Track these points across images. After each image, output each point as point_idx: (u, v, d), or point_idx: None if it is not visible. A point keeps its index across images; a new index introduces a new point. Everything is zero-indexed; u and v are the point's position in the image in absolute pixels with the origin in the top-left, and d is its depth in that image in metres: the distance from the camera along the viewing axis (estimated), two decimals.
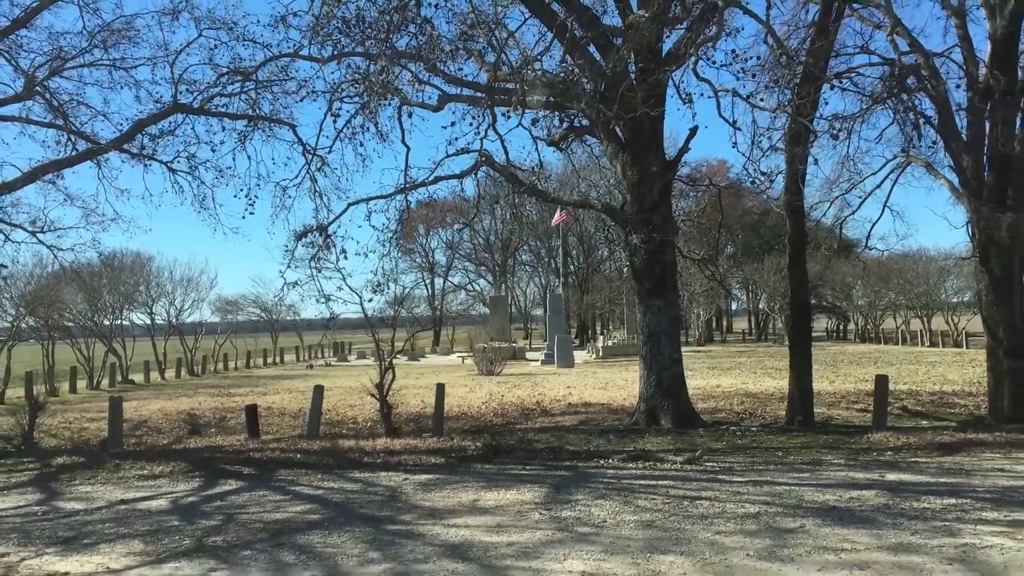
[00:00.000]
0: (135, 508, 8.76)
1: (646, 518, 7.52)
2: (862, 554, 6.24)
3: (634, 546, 6.62)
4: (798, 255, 14.24)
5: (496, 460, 11.07)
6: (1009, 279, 13.49)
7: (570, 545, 6.70)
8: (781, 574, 5.82)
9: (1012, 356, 13.39)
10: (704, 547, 6.52)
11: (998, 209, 13.29)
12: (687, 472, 9.80)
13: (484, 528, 7.34)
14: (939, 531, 6.83)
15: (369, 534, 7.26)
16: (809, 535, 6.81)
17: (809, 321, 15.09)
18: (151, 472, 10.94)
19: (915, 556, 6.16)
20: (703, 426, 13.70)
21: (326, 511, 8.30)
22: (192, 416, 18.20)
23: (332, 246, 14.73)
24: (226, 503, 8.87)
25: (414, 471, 10.41)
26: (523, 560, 6.32)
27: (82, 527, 7.94)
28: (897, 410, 15.59)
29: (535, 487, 9.12)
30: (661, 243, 13.82)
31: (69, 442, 14.77)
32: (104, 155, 16.11)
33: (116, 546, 7.15)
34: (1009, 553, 6.17)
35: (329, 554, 6.67)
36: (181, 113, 15.95)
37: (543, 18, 13.62)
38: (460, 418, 16.08)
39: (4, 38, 14.34)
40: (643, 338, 14.30)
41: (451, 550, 6.67)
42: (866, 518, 7.32)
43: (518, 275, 69.75)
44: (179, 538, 7.36)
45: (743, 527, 7.11)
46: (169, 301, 35.30)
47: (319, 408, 14.28)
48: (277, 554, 6.73)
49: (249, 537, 7.30)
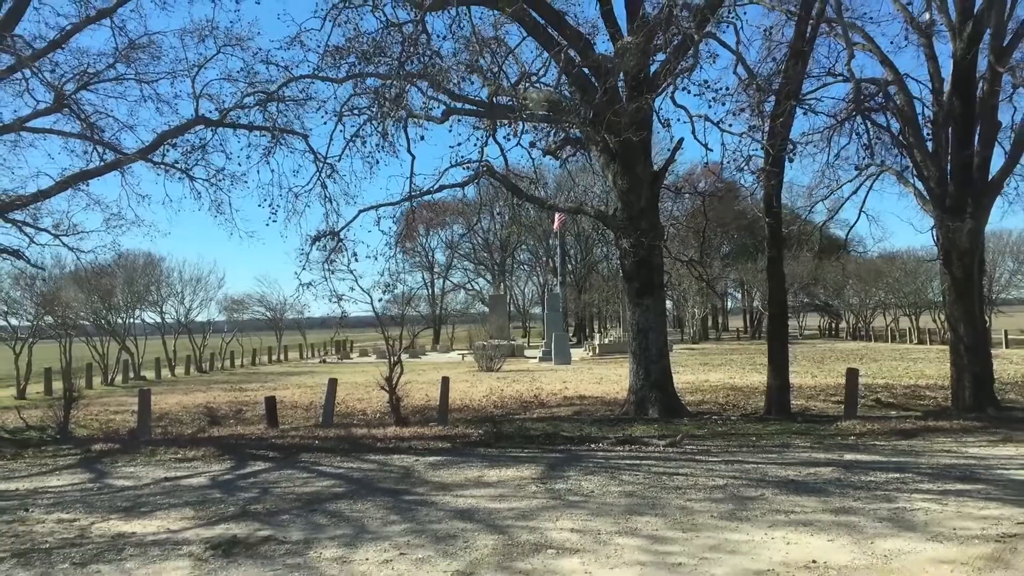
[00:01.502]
0: (179, 484, 9.90)
1: (628, 489, 8.67)
2: (808, 515, 7.39)
3: (616, 510, 7.76)
4: (776, 258, 15.38)
5: (497, 445, 12.21)
6: (969, 281, 14.64)
7: (562, 510, 7.84)
8: (737, 530, 6.96)
9: (972, 351, 14.57)
10: (676, 510, 7.67)
11: (959, 217, 14.44)
12: (668, 453, 10.96)
13: (488, 497, 8.49)
14: (878, 498, 7.98)
15: (388, 503, 8.40)
16: (766, 501, 7.95)
17: (786, 319, 16.24)
18: (184, 456, 12.07)
19: (852, 516, 7.30)
20: (688, 415, 14.85)
21: (349, 485, 9.44)
22: (210, 409, 19.35)
23: (344, 249, 15.86)
24: (259, 480, 10.02)
25: (423, 454, 11.55)
26: (522, 521, 7.47)
27: (136, 499, 9.08)
28: (871, 402, 16.75)
29: (532, 466, 10.27)
30: (649, 247, 14.95)
31: (100, 432, 15.88)
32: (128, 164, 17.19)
33: (171, 513, 8.28)
34: (932, 515, 7.31)
35: (356, 517, 7.81)
36: (202, 126, 17.07)
37: (539, 39, 14.78)
38: (463, 410, 17.20)
39: (41, 58, 15.40)
40: (633, 334, 15.45)
41: (460, 514, 7.81)
42: (818, 488, 8.47)
43: (516, 274, 71.00)
44: (224, 507, 8.50)
45: (711, 496, 8.26)
46: (179, 300, 36.42)
47: (333, 399, 15.43)
48: (311, 518, 7.87)
49: (285, 505, 8.44)
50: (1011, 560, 5.99)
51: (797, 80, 13.45)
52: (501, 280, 64.44)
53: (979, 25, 13.88)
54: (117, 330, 30.68)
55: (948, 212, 14.56)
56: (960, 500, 7.82)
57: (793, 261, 49.66)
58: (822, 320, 62.21)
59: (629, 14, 14.03)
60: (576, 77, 13.59)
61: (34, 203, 15.98)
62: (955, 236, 14.45)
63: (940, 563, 5.95)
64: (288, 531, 7.38)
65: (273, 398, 15.92)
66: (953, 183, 14.49)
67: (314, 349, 52.36)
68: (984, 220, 14.69)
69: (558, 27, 13.86)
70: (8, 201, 15.62)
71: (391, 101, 13.93)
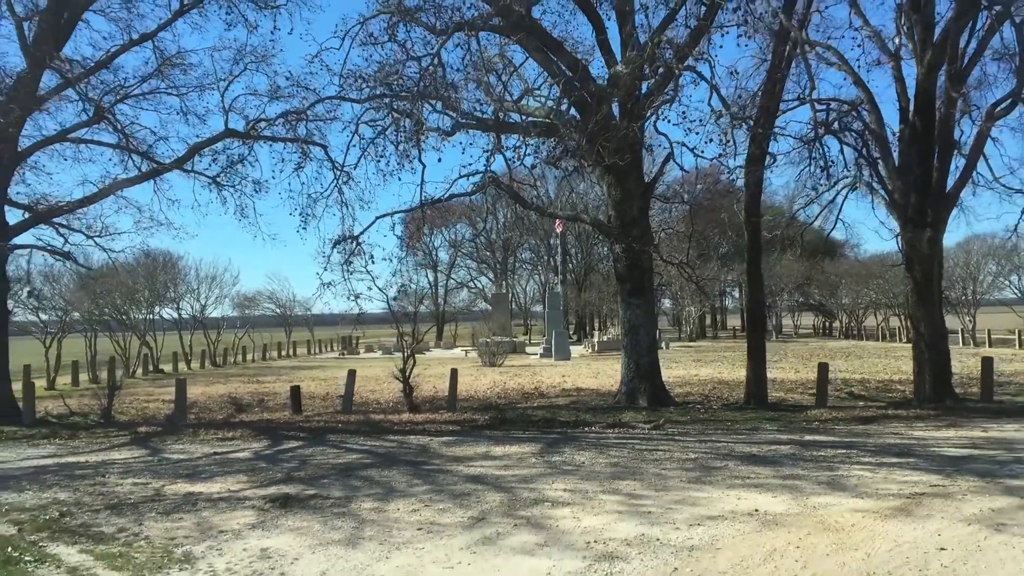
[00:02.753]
0: (227, 457, 11.45)
1: (613, 461, 10.20)
2: (761, 480, 8.92)
3: (602, 476, 9.30)
4: (755, 262, 16.89)
5: (501, 428, 13.75)
6: (929, 284, 16.13)
7: (557, 476, 9.38)
8: (700, 490, 8.49)
9: (932, 348, 16.07)
10: (652, 476, 9.20)
11: (920, 226, 15.94)
12: (651, 435, 12.49)
13: (495, 467, 10.03)
14: (822, 468, 9.51)
15: (411, 470, 9.94)
16: (728, 470, 9.48)
17: (763, 318, 17.76)
18: (224, 436, 13.61)
19: (797, 481, 8.83)
20: (674, 404, 16.36)
21: (375, 458, 10.99)
22: (233, 399, 20.87)
23: (362, 252, 17.37)
24: (296, 454, 11.56)
25: (436, 435, 13.09)
26: (524, 483, 9.00)
27: (194, 468, 10.62)
28: (844, 394, 18.26)
29: (532, 444, 11.80)
30: (639, 252, 16.46)
31: (138, 417, 17.41)
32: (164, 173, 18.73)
33: (227, 478, 9.83)
34: (862, 480, 8.84)
35: (384, 481, 9.35)
36: (230, 138, 18.58)
37: (541, 61, 16.28)
38: (469, 400, 18.71)
39: (88, 77, 16.93)
40: (625, 331, 16.96)
41: (472, 479, 9.35)
42: (774, 461, 10.00)
43: (518, 273, 72.45)
44: (271, 473, 10.05)
45: (683, 466, 9.79)
46: (194, 297, 37.99)
47: (352, 389, 16.97)
48: (347, 481, 9.41)
49: (323, 472, 9.98)
50: (913, 510, 7.52)
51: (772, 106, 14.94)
52: (503, 279, 65.93)
53: (938, 53, 15.31)
54: (138, 325, 32.23)
55: (910, 222, 16.05)
56: (890, 469, 9.35)
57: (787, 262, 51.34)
58: (816, 319, 63.66)
59: (623, 41, 15.51)
60: (574, 98, 15.06)
61: (80, 208, 17.51)
62: (916, 244, 15.95)
63: (856, 511, 7.47)
64: (330, 491, 8.92)
65: (298, 387, 17.47)
66: (915, 195, 15.96)
67: (321, 345, 53.90)
68: (942, 230, 16.16)
69: (557, 53, 15.36)
70: (58, 207, 17.17)
71: (406, 116, 15.47)
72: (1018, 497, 7.92)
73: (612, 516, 7.51)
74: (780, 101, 15.55)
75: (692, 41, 12.49)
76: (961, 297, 41.11)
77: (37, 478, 10.19)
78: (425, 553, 6.52)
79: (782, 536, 6.77)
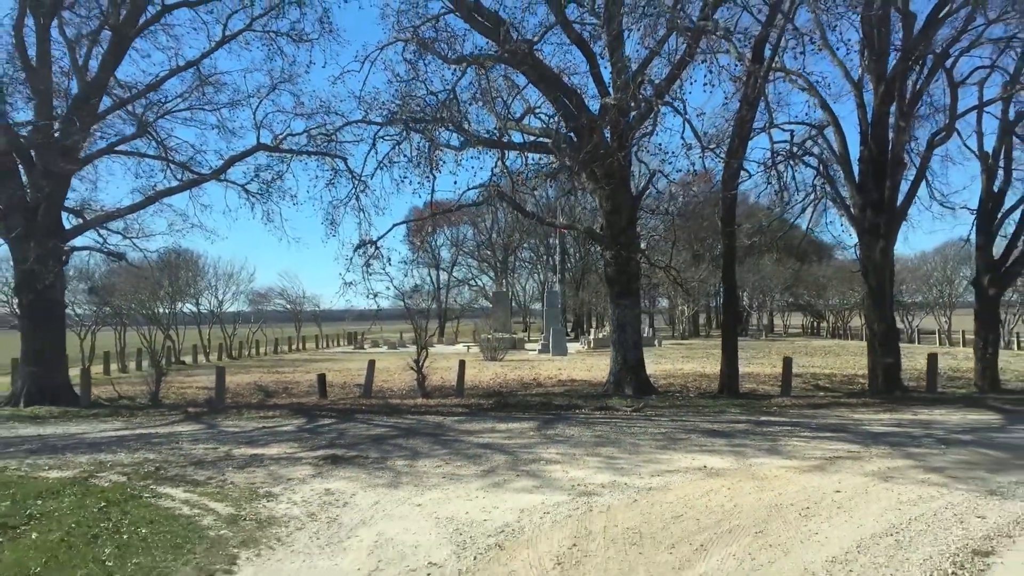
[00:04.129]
0: (275, 430, 13.62)
1: (598, 434, 12.37)
2: (714, 448, 11.09)
3: (587, 444, 11.47)
4: (729, 268, 19.03)
5: (504, 410, 15.91)
6: (882, 289, 18.29)
7: (550, 444, 11.54)
8: (664, 453, 10.66)
9: (883, 346, 18.24)
10: (627, 445, 11.37)
11: (875, 237, 18.09)
12: (632, 416, 14.67)
13: (500, 438, 12.20)
14: (766, 439, 11.69)
15: (431, 440, 12.11)
16: (690, 441, 11.66)
17: (736, 318, 19.91)
18: (265, 415, 15.77)
19: (742, 448, 11.00)
20: (656, 393, 18.51)
21: (399, 431, 13.15)
22: (260, 386, 23.03)
23: (380, 256, 19.52)
24: (332, 428, 13.73)
25: (448, 415, 15.26)
26: (523, 449, 11.17)
27: (250, 438, 12.78)
28: (811, 386, 20.42)
29: (530, 422, 13.97)
30: (627, 258, 18.60)
31: (180, 400, 19.55)
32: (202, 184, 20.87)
33: (281, 444, 11.99)
34: (795, 448, 11.00)
35: (411, 447, 11.51)
36: (262, 151, 20.72)
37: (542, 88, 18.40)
38: (473, 389, 20.85)
39: (139, 98, 19.07)
40: (613, 328, 19.12)
41: (481, 446, 11.51)
42: (729, 435, 12.18)
43: (518, 272, 74.59)
44: (315, 441, 12.21)
45: (654, 437, 11.97)
46: (213, 293, 40.16)
47: (372, 376, 19.13)
48: (381, 447, 11.57)
49: (359, 441, 12.15)
50: (827, 467, 9.68)
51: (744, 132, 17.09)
52: (503, 277, 68.07)
53: (888, 88, 17.45)
54: (161, 319, 34.38)
55: (866, 233, 18.22)
56: (821, 441, 11.53)
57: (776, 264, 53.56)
58: (805, 319, 65.84)
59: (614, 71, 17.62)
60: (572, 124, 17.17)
61: (130, 214, 19.66)
62: (871, 253, 18.11)
63: (782, 468, 9.64)
64: (368, 452, 11.09)
65: (324, 375, 19.65)
66: (870, 211, 18.11)
67: (328, 340, 56.06)
68: (893, 241, 18.29)
69: (556, 85, 17.47)
70: (112, 213, 19.32)
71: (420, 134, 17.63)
72: (913, 460, 10.10)
73: (592, 470, 9.68)
74: (751, 128, 17.66)
75: (668, 83, 14.61)
76: (939, 300, 43.29)
77: (122, 444, 12.35)
78: (450, 491, 8.69)
79: (720, 482, 8.94)
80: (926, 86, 17.23)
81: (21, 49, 18.23)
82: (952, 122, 17.01)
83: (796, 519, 7.44)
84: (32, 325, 18.76)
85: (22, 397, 18.30)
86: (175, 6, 19.48)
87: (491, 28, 16.96)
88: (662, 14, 13.12)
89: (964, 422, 13.44)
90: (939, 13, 16.23)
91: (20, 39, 18.13)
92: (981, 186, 18.50)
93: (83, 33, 19.89)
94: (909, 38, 16.42)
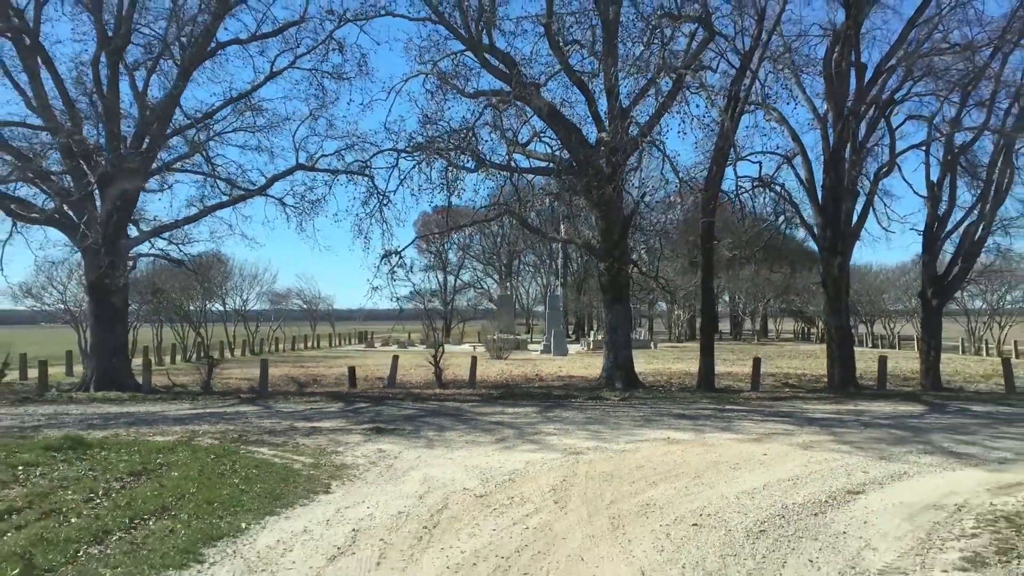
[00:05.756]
0: (321, 411, 16.46)
1: (588, 416, 15.21)
2: (680, 426, 13.91)
3: (579, 423, 14.30)
4: (707, 280, 21.85)
5: (510, 399, 18.74)
6: (839, 298, 21.08)
7: (549, 422, 14.37)
8: (640, 429, 13.47)
9: (840, 348, 21.03)
10: (611, 423, 14.20)
11: (833, 254, 20.90)
12: (618, 404, 17.49)
13: (508, 418, 15.04)
14: (724, 421, 14.50)
15: (452, 418, 14.95)
16: (662, 422, 14.48)
17: (714, 323, 22.71)
18: (308, 400, 18.62)
19: (703, 426, 13.81)
20: (642, 387, 21.33)
21: (426, 412, 15.99)
22: (292, 378, 25.86)
23: (404, 264, 22.38)
24: (369, 410, 16.56)
25: (464, 402, 18.09)
26: (528, 425, 14.00)
27: (304, 415, 15.61)
28: (780, 383, 23.20)
29: (533, 407, 16.80)
30: (619, 269, 21.42)
31: (227, 388, 22.38)
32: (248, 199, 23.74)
33: (332, 420, 14.84)
34: (744, 427, 13.81)
35: (437, 423, 14.35)
36: (300, 170, 23.59)
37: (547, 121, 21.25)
38: (483, 382, 23.65)
39: (197, 125, 21.95)
40: (606, 330, 21.96)
41: (493, 423, 14.35)
42: (695, 417, 14.99)
43: (522, 276, 77.45)
44: (358, 419, 15.04)
45: (633, 419, 14.79)
46: (238, 293, 43.13)
47: (396, 369, 21.98)
48: (413, 423, 14.41)
49: (394, 418, 14.99)
50: (763, 439, 12.48)
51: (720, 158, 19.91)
52: (508, 280, 70.94)
53: (845, 124, 20.26)
54: (193, 318, 37.30)
55: (826, 251, 21.02)
56: (767, 423, 14.34)
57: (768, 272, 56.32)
58: (796, 324, 68.55)
59: (608, 108, 20.47)
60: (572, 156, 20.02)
61: (187, 224, 22.56)
62: (829, 268, 20.92)
63: (728, 439, 12.45)
64: (403, 427, 13.94)
65: (353, 368, 22.52)
66: (829, 230, 20.91)
67: (341, 338, 58.96)
68: (848, 257, 21.09)
69: (560, 119, 20.30)
70: (172, 224, 22.22)
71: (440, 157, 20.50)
72: (834, 436, 12.90)
73: (581, 439, 12.51)
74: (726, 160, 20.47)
75: (649, 127, 17.42)
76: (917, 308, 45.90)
77: (201, 419, 15.20)
78: (473, 451, 11.52)
79: (677, 447, 11.76)
80: (870, 132, 20.07)
81: (97, 81, 21.11)
82: (892, 159, 19.89)
83: (727, 470, 10.24)
84: (100, 322, 21.62)
85: (91, 383, 21.16)
86: (227, 43, 22.38)
87: (504, 72, 19.80)
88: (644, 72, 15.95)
89: (892, 412, 16.24)
90: (885, 64, 19.08)
91: (97, 73, 21.01)
92: (927, 211, 21.29)
93: (141, 63, 22.80)
94: (860, 87, 19.25)
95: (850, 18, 18.68)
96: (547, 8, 18.95)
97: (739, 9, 18.23)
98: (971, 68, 19.46)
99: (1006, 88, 19.34)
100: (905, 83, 19.53)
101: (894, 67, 18.97)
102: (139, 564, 6.39)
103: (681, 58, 18.44)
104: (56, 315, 30.60)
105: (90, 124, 22.25)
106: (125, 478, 9.89)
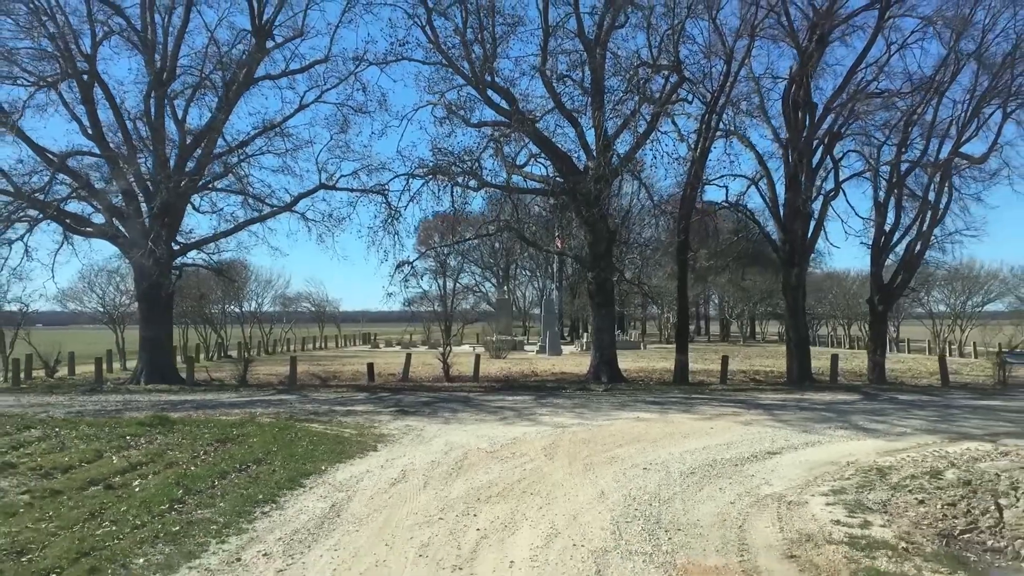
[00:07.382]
0: (351, 399, 19.47)
1: (575, 402, 18.27)
2: (648, 409, 16.96)
3: (567, 407, 17.36)
4: (682, 288, 24.91)
5: (510, 390, 21.79)
6: (797, 304, 24.17)
7: (543, 407, 17.42)
8: (615, 411, 16.52)
9: (797, 348, 24.10)
10: (594, 407, 17.25)
11: (791, 265, 23.98)
12: (602, 394, 20.57)
13: (509, 403, 18.10)
14: (687, 405, 17.57)
15: (463, 404, 18.00)
16: (636, 406, 17.54)
17: (687, 324, 25.78)
18: (336, 391, 21.63)
19: (668, 409, 16.87)
20: (625, 382, 24.36)
21: (439, 400, 19.03)
22: (313, 374, 28.85)
23: (415, 273, 25.42)
24: (391, 399, 19.59)
25: (470, 392, 21.13)
26: (524, 408, 17.06)
27: (336, 401, 18.61)
28: (748, 378, 26.24)
29: (529, 396, 19.86)
30: (605, 278, 24.47)
31: (260, 382, 25.36)
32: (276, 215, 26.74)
33: (363, 405, 17.85)
34: (702, 410, 16.87)
35: (450, 407, 17.40)
36: (323, 189, 26.60)
37: (542, 149, 24.32)
38: (485, 377, 26.68)
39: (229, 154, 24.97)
40: (593, 331, 25.02)
41: (497, 407, 17.40)
42: (664, 403, 18.06)
43: (519, 279, 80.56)
44: (384, 404, 18.07)
45: (612, 404, 17.85)
46: (254, 298, 46.16)
47: (408, 366, 25.03)
48: (430, 407, 17.45)
49: (413, 404, 18.03)
50: (714, 418, 15.53)
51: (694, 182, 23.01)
52: (505, 284, 73.99)
53: (799, 155, 23.32)
54: (214, 320, 40.32)
55: (785, 263, 24.12)
56: (722, 407, 17.40)
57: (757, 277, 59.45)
58: (781, 327, 71.70)
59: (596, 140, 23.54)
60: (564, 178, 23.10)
61: (224, 238, 25.58)
62: (788, 277, 24.00)
63: (687, 418, 15.51)
64: (422, 409, 16.98)
65: (372, 364, 25.56)
66: (787, 245, 24.00)
67: (347, 340, 61.94)
68: (805, 268, 24.17)
69: (553, 149, 23.36)
70: (210, 238, 25.25)
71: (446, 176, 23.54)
72: (772, 416, 15.96)
73: (568, 417, 15.56)
74: (701, 181, 23.56)
75: (627, 158, 20.51)
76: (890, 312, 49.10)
77: (252, 404, 18.21)
78: (482, 426, 14.57)
79: (643, 423, 14.82)
80: (823, 160, 23.21)
81: (148, 113, 24.14)
82: (837, 186, 23.07)
83: (679, 438, 13.30)
84: (149, 324, 24.61)
85: (142, 377, 24.14)
86: (261, 78, 25.42)
87: (504, 109, 22.87)
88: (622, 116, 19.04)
89: (831, 400, 19.31)
90: (832, 103, 22.22)
91: (148, 105, 24.05)
92: (874, 228, 24.39)
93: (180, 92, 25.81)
94: (812, 122, 22.39)
95: (803, 65, 21.81)
96: (542, 54, 22.05)
97: (707, 56, 21.37)
98: (909, 105, 22.60)
99: (937, 126, 22.51)
100: (848, 121, 22.68)
101: (840, 107, 22.11)
102: (261, 487, 9.41)
103: (659, 97, 21.56)
104: (96, 317, 33.52)
105: (142, 148, 25.26)
106: (214, 443, 12.89)
